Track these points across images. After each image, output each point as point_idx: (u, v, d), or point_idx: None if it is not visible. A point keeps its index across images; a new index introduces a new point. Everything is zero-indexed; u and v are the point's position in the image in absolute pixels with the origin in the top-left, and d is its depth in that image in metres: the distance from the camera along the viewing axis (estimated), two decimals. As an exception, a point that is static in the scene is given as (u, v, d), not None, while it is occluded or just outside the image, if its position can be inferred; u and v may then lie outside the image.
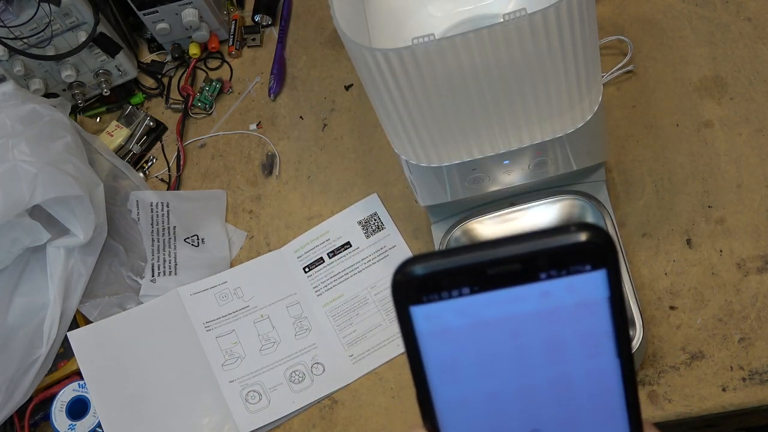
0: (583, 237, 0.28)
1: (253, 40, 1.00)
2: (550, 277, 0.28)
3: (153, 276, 0.87)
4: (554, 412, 0.30)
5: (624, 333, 0.29)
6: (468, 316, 0.29)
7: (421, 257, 0.29)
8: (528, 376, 0.30)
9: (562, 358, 0.29)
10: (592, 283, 0.29)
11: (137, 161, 0.96)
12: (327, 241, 0.86)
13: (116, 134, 0.96)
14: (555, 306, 0.29)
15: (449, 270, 0.29)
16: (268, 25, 1.00)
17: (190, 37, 0.97)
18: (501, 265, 0.28)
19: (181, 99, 0.98)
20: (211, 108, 0.97)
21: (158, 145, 0.97)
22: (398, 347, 0.80)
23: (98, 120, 1.00)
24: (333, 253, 0.85)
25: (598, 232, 0.29)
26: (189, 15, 0.93)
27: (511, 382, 0.30)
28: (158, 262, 0.87)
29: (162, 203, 0.91)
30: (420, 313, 0.29)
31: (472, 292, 0.29)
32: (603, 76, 0.82)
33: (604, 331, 0.29)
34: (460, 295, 0.29)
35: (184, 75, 0.99)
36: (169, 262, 0.87)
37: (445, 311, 0.29)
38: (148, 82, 1.01)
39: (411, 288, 0.29)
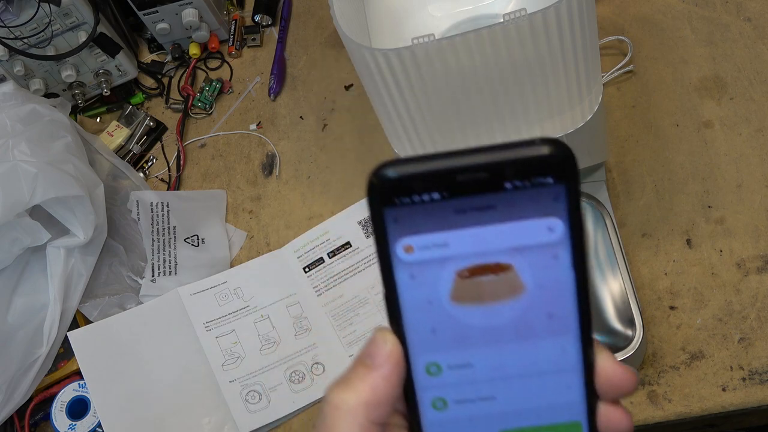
0: (547, 150, 0.30)
1: (253, 40, 1.00)
2: (515, 187, 0.30)
3: (153, 276, 0.87)
4: (510, 313, 0.32)
5: (580, 243, 0.31)
6: (436, 222, 0.31)
7: (395, 161, 0.31)
8: (489, 284, 0.32)
9: (521, 266, 0.31)
10: (552, 196, 0.30)
11: (137, 161, 0.96)
12: (327, 241, 0.86)
13: (116, 134, 0.96)
14: (517, 216, 0.31)
15: (420, 174, 0.30)
16: (268, 25, 1.00)
17: (190, 37, 0.97)
18: (469, 173, 0.30)
19: (181, 99, 0.98)
20: (211, 108, 0.97)
21: (158, 145, 0.97)
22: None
23: (98, 120, 1.00)
24: (333, 253, 0.85)
25: (561, 148, 0.30)
26: (189, 15, 0.94)
27: (475, 287, 0.32)
28: (158, 262, 0.87)
29: (162, 203, 0.91)
30: (391, 214, 0.31)
31: (442, 198, 0.30)
32: (603, 76, 0.82)
33: (561, 242, 0.31)
34: (431, 200, 0.30)
35: (184, 75, 0.99)
36: (169, 262, 0.87)
37: (414, 214, 0.31)
38: (148, 82, 1.01)
39: (384, 190, 0.31)
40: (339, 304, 0.83)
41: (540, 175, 0.30)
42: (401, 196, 0.30)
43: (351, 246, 0.85)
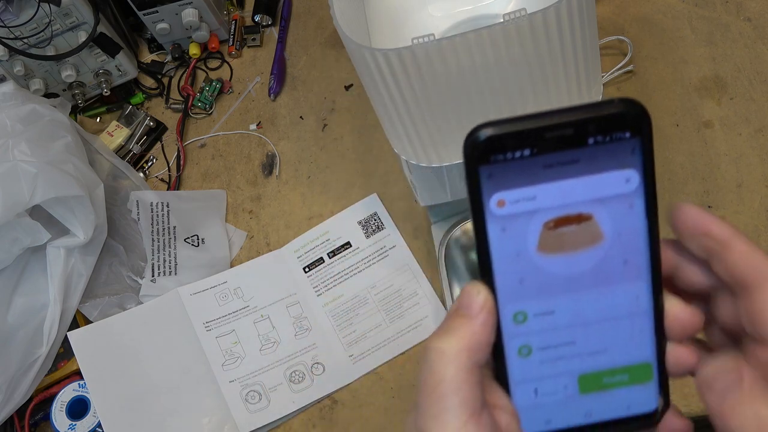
0: (624, 108, 0.34)
1: (253, 40, 1.00)
2: (596, 142, 0.33)
3: (153, 276, 0.87)
4: (590, 261, 0.35)
5: (653, 193, 0.34)
6: (526, 177, 0.34)
7: (489, 123, 0.33)
8: (572, 234, 0.34)
9: (600, 215, 0.34)
10: (630, 149, 0.34)
11: (137, 161, 0.96)
12: (327, 241, 0.86)
13: (116, 134, 0.96)
14: (598, 169, 0.34)
15: (514, 133, 0.33)
16: (268, 25, 1.00)
17: (190, 37, 0.97)
18: (558, 130, 0.33)
19: (181, 99, 0.98)
20: (211, 108, 0.97)
21: (158, 145, 0.97)
22: (398, 347, 0.80)
23: (98, 120, 1.00)
24: (333, 253, 0.85)
25: (637, 106, 0.34)
26: (189, 15, 0.94)
27: (559, 238, 0.34)
28: (158, 262, 0.87)
29: (162, 203, 0.91)
30: (486, 172, 0.33)
31: (532, 154, 0.33)
32: (603, 76, 0.82)
33: (636, 192, 0.34)
34: (522, 156, 0.33)
35: (184, 75, 0.99)
36: (169, 262, 0.87)
37: (506, 171, 0.34)
38: (148, 82, 1.01)
39: (480, 149, 0.33)
40: (339, 304, 0.83)
41: (619, 130, 0.33)
42: (496, 153, 0.33)
43: (351, 246, 0.85)
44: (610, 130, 0.33)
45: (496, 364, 0.36)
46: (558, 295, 0.35)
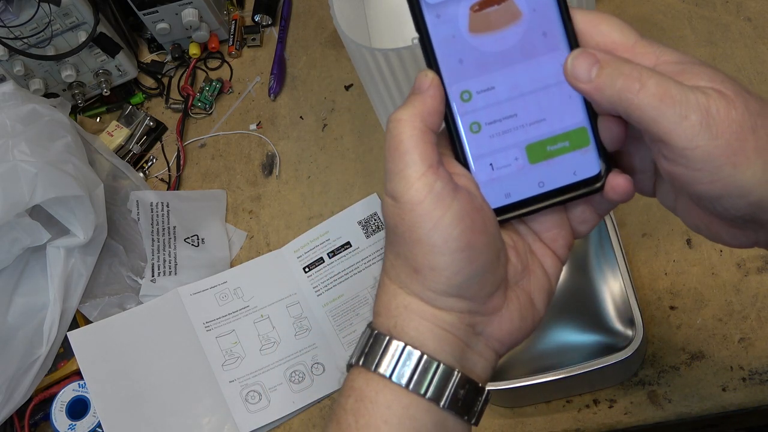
0: None
1: (253, 40, 1.00)
2: None
3: (153, 276, 0.87)
4: (515, 37, 0.40)
5: None
6: None
7: None
8: (495, 13, 0.40)
9: None
10: None
11: (137, 161, 0.96)
12: (327, 241, 0.86)
13: (116, 134, 0.96)
14: None
15: None
16: (268, 25, 1.00)
17: (190, 37, 0.97)
18: None
19: (181, 99, 0.98)
20: (211, 108, 0.97)
21: (158, 145, 0.97)
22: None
23: (98, 120, 1.01)
24: (333, 253, 0.85)
25: None
26: (189, 15, 0.94)
27: (485, 18, 0.40)
28: (158, 262, 0.87)
29: (162, 203, 0.91)
30: None
31: None
32: (603, 76, 0.82)
33: None
34: None
35: (184, 75, 0.99)
36: (169, 262, 0.87)
37: None
38: (148, 82, 1.01)
39: None
40: (339, 304, 0.83)
41: None
42: None
43: (351, 246, 0.85)
44: None
45: (453, 144, 0.41)
46: (494, 71, 0.40)
